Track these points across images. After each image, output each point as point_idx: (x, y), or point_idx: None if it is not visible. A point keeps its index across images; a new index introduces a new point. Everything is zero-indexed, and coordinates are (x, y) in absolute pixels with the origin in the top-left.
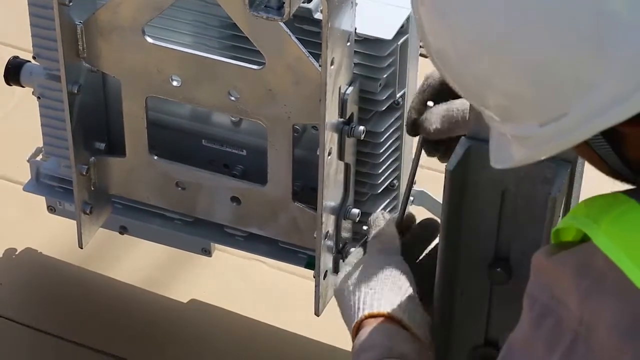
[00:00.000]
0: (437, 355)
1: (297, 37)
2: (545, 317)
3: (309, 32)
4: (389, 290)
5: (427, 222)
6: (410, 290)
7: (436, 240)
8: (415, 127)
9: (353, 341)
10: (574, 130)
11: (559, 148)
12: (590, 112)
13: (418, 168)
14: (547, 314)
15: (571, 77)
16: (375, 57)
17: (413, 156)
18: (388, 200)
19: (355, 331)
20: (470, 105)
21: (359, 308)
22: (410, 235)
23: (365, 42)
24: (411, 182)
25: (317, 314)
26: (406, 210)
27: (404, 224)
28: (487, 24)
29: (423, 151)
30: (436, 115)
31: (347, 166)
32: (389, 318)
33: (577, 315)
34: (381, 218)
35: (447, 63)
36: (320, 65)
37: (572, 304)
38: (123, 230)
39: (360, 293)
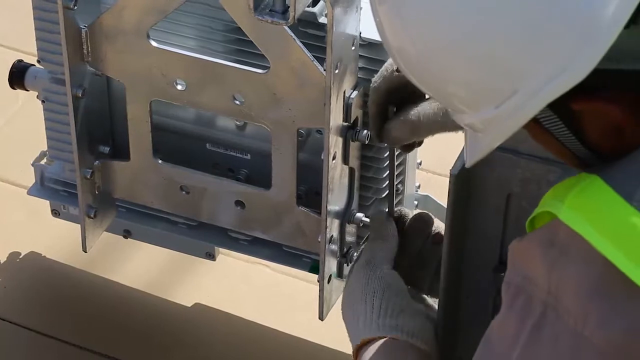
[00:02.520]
0: None
1: (301, 41)
2: (517, 296)
3: (314, 36)
4: (379, 311)
5: (420, 216)
6: (399, 302)
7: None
8: (380, 138)
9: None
10: (524, 106)
11: (513, 127)
12: (536, 87)
13: (423, 172)
14: (519, 293)
15: (515, 58)
16: (380, 62)
17: (416, 160)
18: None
19: (355, 356)
20: None
21: (355, 334)
22: (407, 227)
23: (370, 46)
24: (392, 178)
25: (321, 318)
26: (399, 206)
27: (399, 218)
28: (441, 20)
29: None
30: (395, 124)
31: (351, 170)
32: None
33: (545, 287)
34: (378, 217)
35: (408, 61)
36: (324, 69)
37: (540, 276)
38: (127, 234)
39: (354, 316)
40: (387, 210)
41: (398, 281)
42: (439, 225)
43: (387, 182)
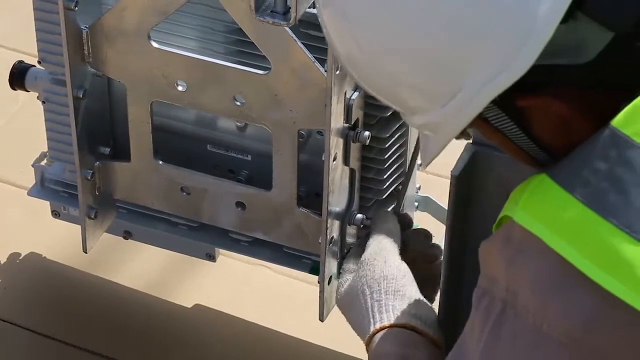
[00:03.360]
0: None
1: (302, 42)
2: (482, 297)
3: (315, 37)
4: (395, 297)
5: (421, 231)
6: (414, 291)
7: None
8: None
9: (367, 352)
10: (468, 104)
11: (459, 125)
12: (479, 84)
13: (423, 173)
14: (484, 294)
15: (456, 57)
16: None
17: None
18: (393, 205)
19: (368, 345)
20: None
21: (369, 322)
22: (408, 234)
23: None
24: (408, 178)
25: (321, 319)
26: (404, 209)
27: (401, 223)
28: (383, 23)
29: None
30: None
31: (352, 171)
32: (403, 327)
33: (504, 285)
34: (383, 215)
35: (356, 66)
36: (325, 71)
37: (500, 274)
38: (127, 235)
39: (367, 305)
40: (392, 209)
41: (410, 272)
42: (437, 249)
43: (388, 183)
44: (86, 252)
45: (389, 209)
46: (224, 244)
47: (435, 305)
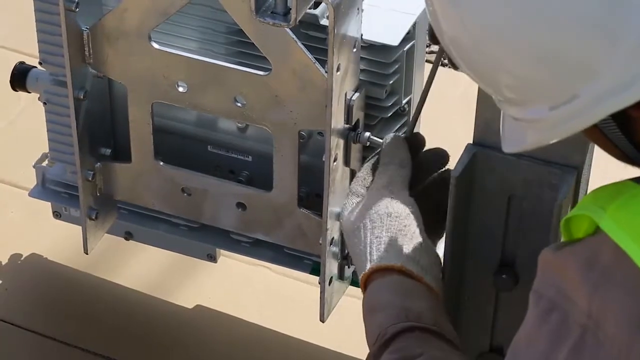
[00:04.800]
0: None
1: (303, 43)
2: (551, 312)
3: (315, 38)
4: (396, 237)
5: (436, 151)
6: (417, 233)
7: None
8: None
9: (363, 293)
10: (584, 113)
11: (569, 131)
12: (600, 95)
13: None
14: (553, 309)
15: (581, 61)
16: (381, 64)
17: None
18: (404, 130)
19: (364, 284)
20: (477, 113)
21: (366, 259)
22: (416, 161)
23: (372, 48)
24: (424, 98)
25: (322, 320)
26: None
27: (414, 145)
28: (497, 9)
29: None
30: None
31: (352, 172)
32: (399, 270)
33: (586, 309)
34: (394, 141)
35: (461, 50)
36: (326, 72)
37: (580, 297)
38: (128, 236)
39: (366, 240)
40: (402, 134)
41: (418, 210)
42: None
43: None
44: (87, 253)
45: (401, 133)
46: (224, 244)
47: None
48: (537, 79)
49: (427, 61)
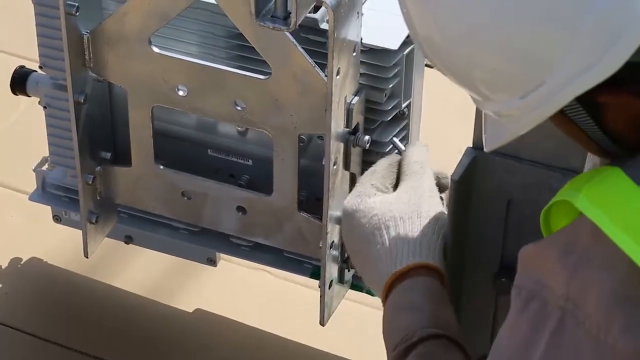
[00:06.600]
0: None
1: (303, 47)
2: (530, 301)
3: (315, 42)
4: (429, 238)
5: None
6: (442, 238)
7: None
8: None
9: (386, 287)
10: (551, 99)
11: (539, 118)
12: (565, 79)
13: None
14: (531, 298)
15: (544, 51)
16: (381, 67)
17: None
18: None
19: (391, 282)
20: (476, 117)
21: (397, 254)
22: None
23: (371, 52)
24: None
25: (322, 323)
26: None
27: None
28: (467, 6)
29: None
30: None
31: (352, 176)
32: (431, 270)
33: (563, 293)
34: (423, 149)
35: (435, 48)
36: (326, 75)
37: (558, 283)
38: (128, 239)
39: (397, 234)
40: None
41: (445, 216)
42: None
43: None
44: (87, 257)
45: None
46: (224, 248)
47: None
48: (507, 71)
49: (427, 65)
